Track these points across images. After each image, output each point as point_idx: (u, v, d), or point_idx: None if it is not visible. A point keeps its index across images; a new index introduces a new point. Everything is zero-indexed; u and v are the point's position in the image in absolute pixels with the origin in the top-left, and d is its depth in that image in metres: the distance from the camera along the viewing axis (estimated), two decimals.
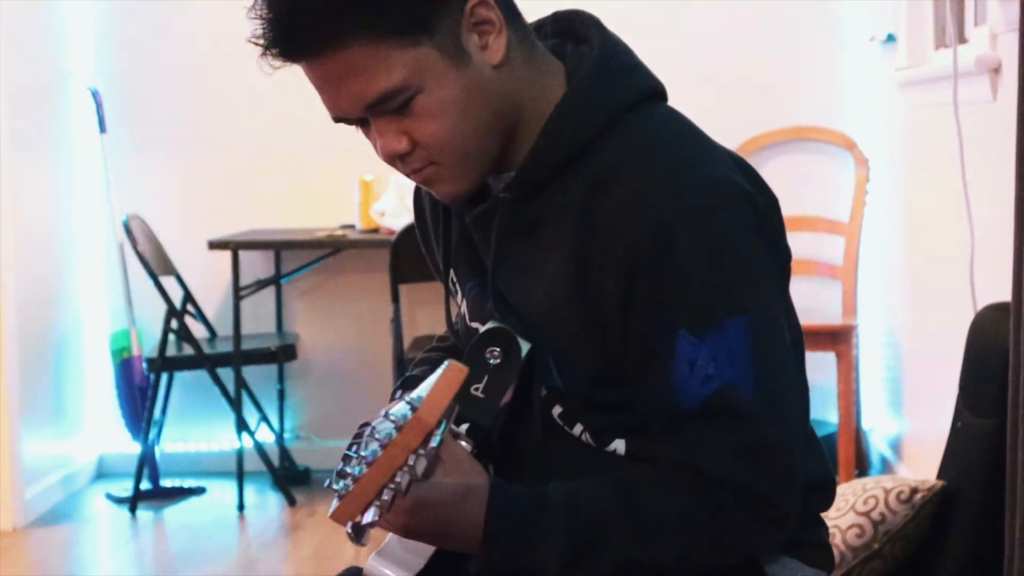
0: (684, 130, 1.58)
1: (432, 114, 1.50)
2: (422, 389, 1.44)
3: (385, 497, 1.39)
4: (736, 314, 1.47)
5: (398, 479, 1.39)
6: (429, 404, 1.38)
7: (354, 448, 1.42)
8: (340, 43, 1.46)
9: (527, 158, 1.55)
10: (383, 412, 1.41)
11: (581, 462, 1.58)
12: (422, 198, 1.77)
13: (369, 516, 1.39)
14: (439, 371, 1.41)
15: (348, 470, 1.40)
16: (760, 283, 1.51)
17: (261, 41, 1.48)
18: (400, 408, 1.40)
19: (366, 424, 1.44)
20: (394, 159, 1.54)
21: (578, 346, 1.53)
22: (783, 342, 1.53)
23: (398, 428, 1.38)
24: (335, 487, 1.41)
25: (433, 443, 1.39)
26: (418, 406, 1.38)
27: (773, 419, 1.49)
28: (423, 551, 1.55)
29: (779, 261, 1.57)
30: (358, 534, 1.42)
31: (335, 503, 1.41)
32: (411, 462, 1.39)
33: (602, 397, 1.55)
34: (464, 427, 1.53)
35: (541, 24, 1.65)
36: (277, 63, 1.50)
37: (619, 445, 1.57)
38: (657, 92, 1.61)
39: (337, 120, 1.54)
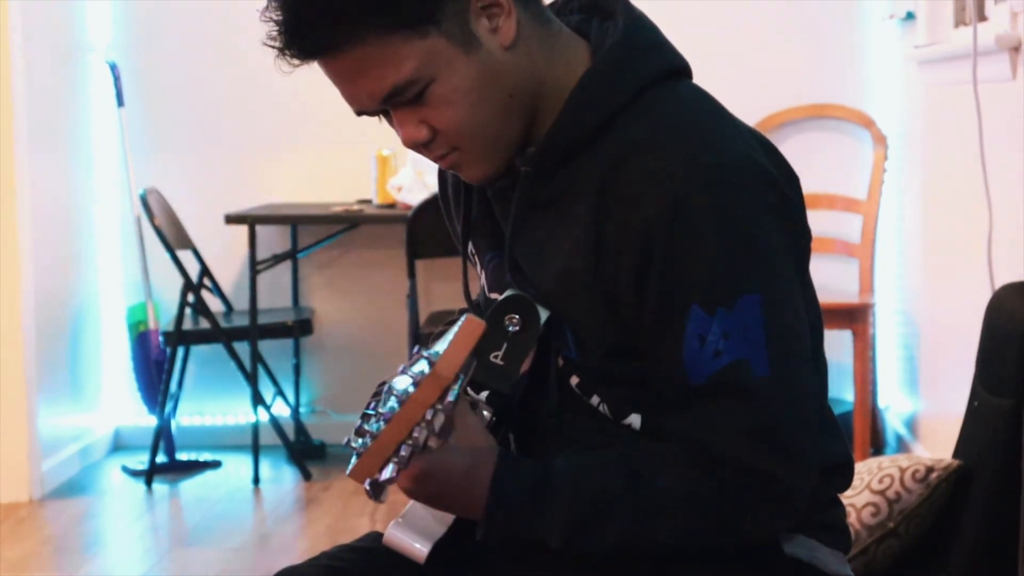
0: (708, 107, 1.57)
1: (448, 101, 1.51)
2: (439, 344, 1.43)
3: (403, 453, 1.38)
4: (750, 292, 1.47)
5: (416, 434, 1.38)
6: (446, 359, 1.37)
7: (373, 406, 1.42)
8: (349, 41, 1.47)
9: (548, 133, 1.55)
10: (401, 369, 1.41)
11: (598, 433, 1.58)
12: (445, 170, 1.77)
13: (387, 472, 1.38)
14: (456, 326, 1.40)
15: (367, 427, 1.40)
16: (776, 263, 1.50)
17: (276, 43, 1.49)
18: (418, 364, 1.39)
19: (385, 383, 1.44)
20: (417, 146, 1.55)
21: (593, 319, 1.54)
22: (799, 322, 1.52)
23: (416, 384, 1.37)
24: (354, 444, 1.40)
25: (450, 397, 1.38)
26: (435, 361, 1.37)
27: (784, 398, 1.48)
28: (444, 520, 1.55)
29: (798, 242, 1.57)
30: (376, 491, 1.41)
31: (353, 460, 1.40)
32: (428, 417, 1.37)
33: (616, 371, 1.55)
34: (484, 395, 1.52)
35: None
36: (295, 62, 1.51)
37: (635, 420, 1.57)
38: (681, 70, 1.60)
39: (360, 113, 1.55)
